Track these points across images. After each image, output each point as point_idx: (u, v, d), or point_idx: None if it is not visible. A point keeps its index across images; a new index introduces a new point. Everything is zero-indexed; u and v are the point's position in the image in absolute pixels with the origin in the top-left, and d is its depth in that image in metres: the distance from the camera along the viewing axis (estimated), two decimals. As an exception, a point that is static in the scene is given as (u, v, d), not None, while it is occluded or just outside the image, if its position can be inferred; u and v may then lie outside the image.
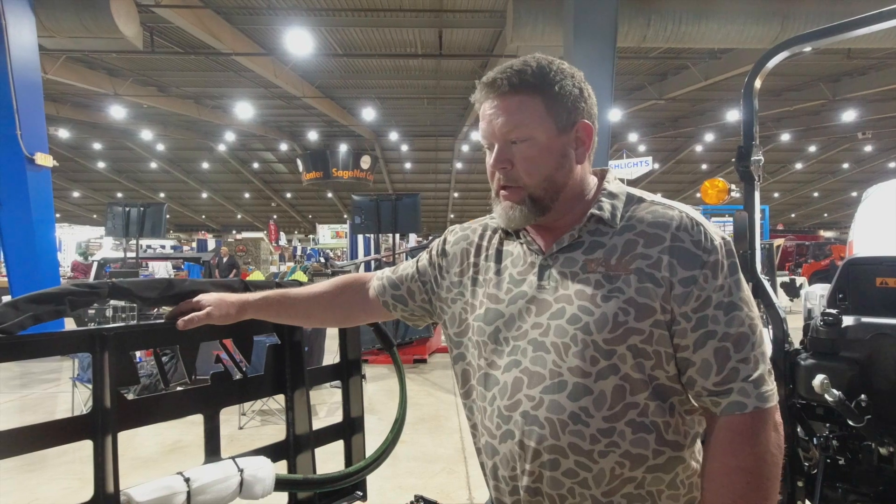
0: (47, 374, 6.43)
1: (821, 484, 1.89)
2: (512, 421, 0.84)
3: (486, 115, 0.88)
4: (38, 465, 3.62)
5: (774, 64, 1.88)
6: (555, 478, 0.81)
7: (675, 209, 0.86)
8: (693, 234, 0.82)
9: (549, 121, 0.85)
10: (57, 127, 17.96)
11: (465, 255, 1.00)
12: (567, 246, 0.87)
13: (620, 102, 14.94)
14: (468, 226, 1.05)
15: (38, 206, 7.55)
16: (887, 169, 25.20)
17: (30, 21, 7.58)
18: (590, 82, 0.92)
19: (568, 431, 0.80)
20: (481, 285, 0.95)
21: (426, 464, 3.71)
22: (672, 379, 0.82)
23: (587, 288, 0.83)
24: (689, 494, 0.85)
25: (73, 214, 33.82)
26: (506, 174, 0.87)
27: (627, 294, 0.80)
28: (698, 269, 0.80)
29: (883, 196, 2.79)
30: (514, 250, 0.93)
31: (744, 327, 0.80)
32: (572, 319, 0.82)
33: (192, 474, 1.09)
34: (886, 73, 13.66)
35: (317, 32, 11.37)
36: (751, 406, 0.78)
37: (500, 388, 0.86)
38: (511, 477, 0.85)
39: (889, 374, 1.78)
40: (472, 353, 0.93)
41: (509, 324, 0.88)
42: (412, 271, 1.08)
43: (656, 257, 0.81)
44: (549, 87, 0.84)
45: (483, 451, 0.92)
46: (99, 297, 1.10)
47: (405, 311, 1.10)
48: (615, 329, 0.79)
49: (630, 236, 0.84)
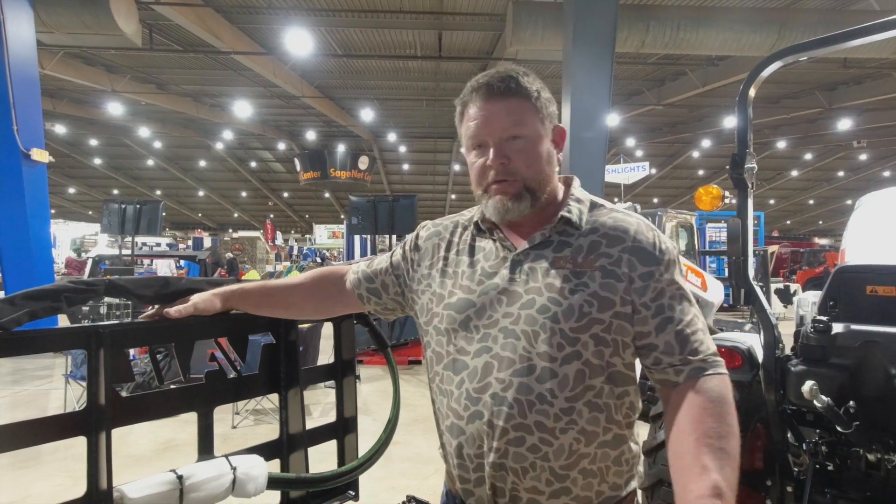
0: (40, 371, 6.40)
1: (810, 489, 1.91)
2: (481, 402, 0.91)
3: (478, 114, 0.95)
4: (32, 461, 3.61)
5: (768, 74, 1.90)
6: (519, 453, 0.89)
7: (632, 216, 0.98)
8: (650, 238, 0.94)
9: (538, 121, 0.96)
10: (53, 122, 17.88)
11: (436, 250, 1.07)
12: (538, 244, 0.96)
13: (619, 107, 15.01)
14: (440, 222, 1.13)
15: (34, 202, 7.52)
16: (882, 178, 25.37)
17: (28, 17, 7.56)
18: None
19: (535, 411, 0.88)
20: (451, 277, 1.02)
21: (420, 465, 3.71)
22: (627, 366, 0.93)
23: (556, 282, 0.92)
24: (630, 472, 0.96)
25: (69, 211, 33.66)
26: (504, 168, 0.95)
27: (592, 288, 0.90)
28: (654, 266, 0.92)
29: (875, 204, 2.81)
30: (486, 246, 1.02)
31: (692, 315, 0.92)
32: (542, 309, 0.91)
33: (185, 471, 1.10)
34: (882, 82, 13.77)
35: (316, 32, 11.38)
36: (710, 370, 0.87)
37: (470, 372, 0.93)
38: (477, 455, 0.92)
39: (877, 381, 1.80)
40: (439, 340, 1.00)
41: (480, 313, 0.95)
42: (386, 265, 1.15)
43: (617, 256, 0.92)
44: (533, 93, 0.95)
45: (447, 432, 0.98)
46: (96, 294, 1.10)
47: (378, 303, 1.16)
48: (580, 319, 0.89)
49: (594, 238, 0.95)
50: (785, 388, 1.93)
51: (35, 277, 7.23)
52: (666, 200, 28.82)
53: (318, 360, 5.21)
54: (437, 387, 1.02)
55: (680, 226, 7.89)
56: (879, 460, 1.80)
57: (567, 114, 7.79)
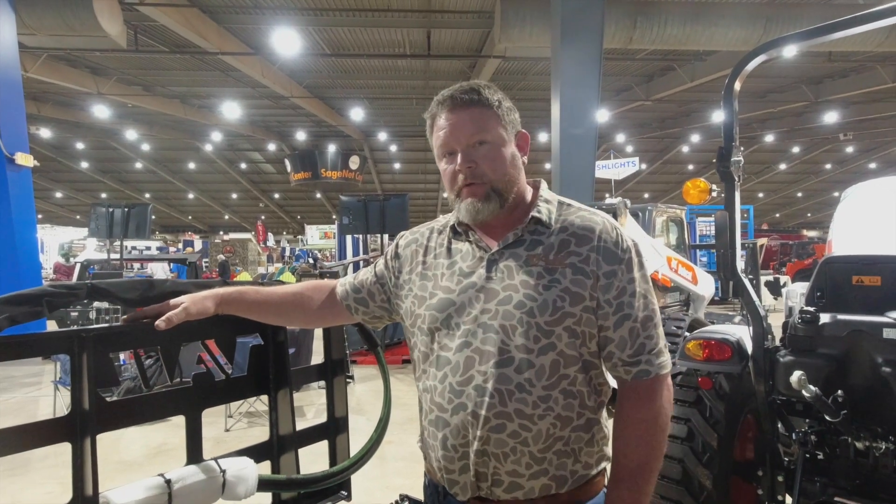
0: (29, 378, 6.32)
1: (800, 478, 1.93)
2: (465, 394, 0.97)
3: (445, 125, 1.03)
4: (20, 469, 3.57)
5: (752, 67, 1.91)
6: (500, 439, 0.95)
7: (598, 215, 1.05)
8: (613, 237, 1.01)
9: (500, 128, 1.03)
10: (38, 126, 17.64)
11: (414, 256, 1.14)
12: (512, 243, 1.03)
13: (608, 103, 15.07)
14: (416, 230, 1.20)
15: (19, 207, 7.43)
16: (868, 169, 25.70)
17: (10, 18, 7.45)
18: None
19: (514, 399, 0.94)
20: (430, 279, 1.08)
21: (414, 463, 3.71)
22: (592, 355, 1.01)
23: (530, 279, 0.98)
24: (601, 452, 1.04)
25: (56, 215, 33.24)
26: (471, 171, 1.01)
27: (564, 284, 0.98)
28: (617, 264, 1.00)
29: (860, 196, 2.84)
30: (462, 248, 1.08)
31: (648, 311, 1.01)
32: (518, 305, 0.97)
33: (174, 476, 1.09)
34: (866, 75, 13.94)
35: (305, 32, 11.31)
36: (653, 373, 1.00)
37: (452, 366, 0.99)
38: (462, 444, 0.98)
39: (864, 370, 1.82)
40: (424, 339, 1.05)
41: (460, 310, 1.01)
42: (370, 276, 1.21)
43: (585, 254, 1.00)
44: (496, 102, 1.03)
45: (431, 425, 1.03)
46: (77, 298, 1.09)
47: (367, 312, 1.22)
48: (554, 313, 0.96)
49: (564, 236, 1.02)
50: (774, 378, 1.94)
51: (22, 284, 7.14)
52: (656, 195, 29.00)
53: (312, 360, 5.19)
54: (422, 384, 1.07)
55: (670, 220, 7.93)
56: (867, 448, 1.82)
57: (557, 110, 7.80)
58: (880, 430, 1.79)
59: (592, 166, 8.18)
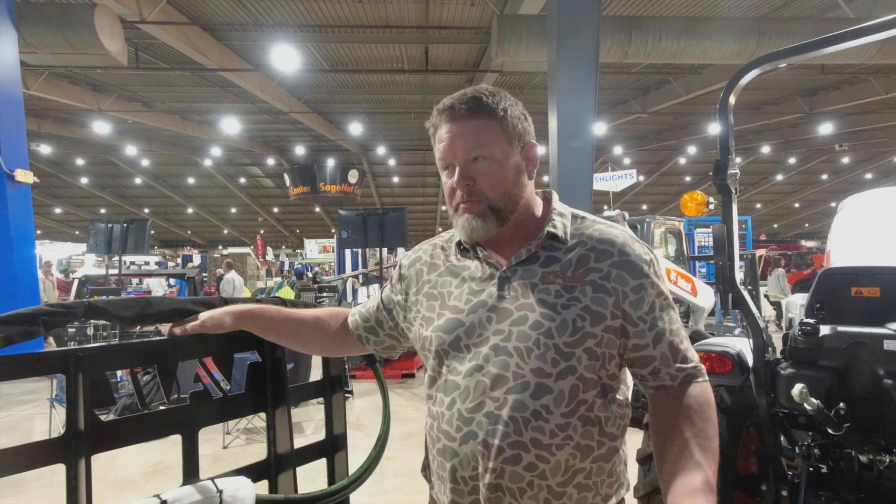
0: (24, 396, 6.26)
1: (804, 492, 1.90)
2: (475, 422, 0.89)
3: (444, 137, 0.96)
4: (13, 490, 3.51)
5: (747, 81, 1.93)
6: (516, 472, 0.87)
7: (616, 228, 0.99)
8: (636, 250, 0.96)
9: (504, 141, 0.96)
10: (38, 142, 17.72)
11: (419, 275, 1.08)
12: (524, 260, 0.96)
13: (605, 116, 15.18)
14: (418, 248, 1.13)
15: (18, 224, 7.42)
16: (864, 180, 25.84)
17: (11, 37, 7.51)
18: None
19: (530, 427, 0.87)
20: (437, 298, 1.01)
21: (414, 480, 3.66)
22: (611, 378, 0.94)
23: (547, 297, 0.91)
24: (618, 482, 0.96)
25: (55, 231, 33.23)
26: (468, 189, 0.95)
27: (584, 302, 0.91)
28: (644, 278, 0.94)
29: (858, 207, 2.85)
30: (470, 265, 1.01)
31: (678, 323, 0.97)
32: (535, 325, 0.90)
33: (170, 496, 1.07)
34: (860, 87, 14.07)
35: (303, 48, 11.43)
36: (701, 378, 0.94)
37: (461, 392, 0.92)
38: (472, 476, 0.90)
39: (865, 382, 1.81)
40: (431, 363, 0.99)
41: (470, 332, 0.94)
42: (377, 303, 1.17)
43: (606, 270, 0.93)
44: (500, 112, 0.95)
45: (439, 455, 0.95)
46: (74, 316, 1.08)
47: (377, 342, 1.17)
48: (574, 333, 0.89)
49: (582, 251, 0.95)
50: (775, 391, 1.93)
51: (19, 301, 7.11)
52: (654, 207, 29.08)
53: (311, 375, 5.15)
54: (428, 409, 1.00)
55: (668, 232, 7.95)
56: (871, 461, 1.80)
57: (554, 124, 7.86)
58: (883, 442, 1.78)
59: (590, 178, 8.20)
